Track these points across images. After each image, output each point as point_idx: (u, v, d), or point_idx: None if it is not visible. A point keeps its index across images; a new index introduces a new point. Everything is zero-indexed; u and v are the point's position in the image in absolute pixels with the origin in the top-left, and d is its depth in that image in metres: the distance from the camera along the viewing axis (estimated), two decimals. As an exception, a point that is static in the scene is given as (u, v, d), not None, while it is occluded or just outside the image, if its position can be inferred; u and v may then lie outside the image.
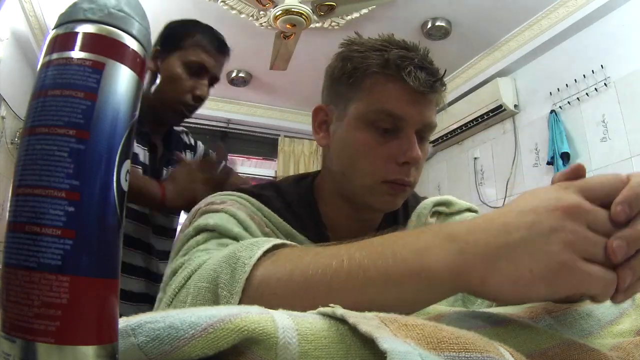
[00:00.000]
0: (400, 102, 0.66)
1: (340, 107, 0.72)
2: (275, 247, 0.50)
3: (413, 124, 0.67)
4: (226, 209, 0.65)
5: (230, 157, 4.37)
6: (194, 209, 0.69)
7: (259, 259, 0.47)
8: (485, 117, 3.27)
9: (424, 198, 0.85)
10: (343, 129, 0.71)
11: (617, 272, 0.34)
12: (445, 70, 0.73)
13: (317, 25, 2.80)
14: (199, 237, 0.61)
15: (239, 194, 0.70)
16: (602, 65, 2.50)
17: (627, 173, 0.38)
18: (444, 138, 3.68)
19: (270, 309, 0.32)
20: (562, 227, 0.34)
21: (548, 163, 2.74)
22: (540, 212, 0.35)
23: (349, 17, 2.80)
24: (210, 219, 0.62)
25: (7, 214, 0.27)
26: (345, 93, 0.71)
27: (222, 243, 0.59)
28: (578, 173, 0.39)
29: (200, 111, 4.61)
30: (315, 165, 4.30)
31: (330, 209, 0.75)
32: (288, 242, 0.53)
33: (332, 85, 0.76)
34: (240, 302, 0.45)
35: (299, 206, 0.74)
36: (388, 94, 0.66)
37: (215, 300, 0.48)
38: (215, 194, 0.72)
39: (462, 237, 0.38)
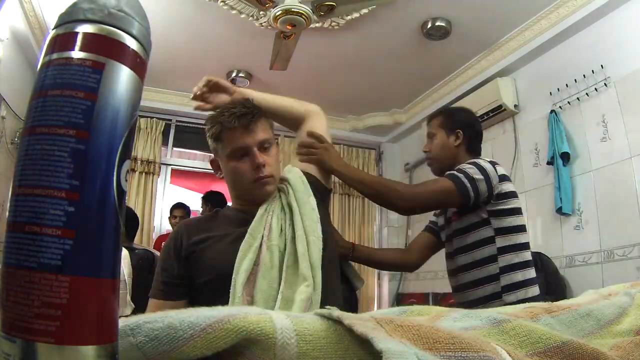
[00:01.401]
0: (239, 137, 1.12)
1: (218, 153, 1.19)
2: None
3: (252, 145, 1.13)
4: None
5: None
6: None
7: None
8: (485, 117, 3.27)
9: None
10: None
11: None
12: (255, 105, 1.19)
13: (317, 25, 2.80)
14: None
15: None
16: (602, 65, 2.50)
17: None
18: (444, 138, 3.68)
19: None
20: None
21: (548, 163, 2.74)
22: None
23: (349, 17, 2.80)
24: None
25: (7, 213, 0.27)
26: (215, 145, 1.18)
27: None
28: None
29: (201, 111, 4.60)
30: (315, 165, 4.31)
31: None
32: None
33: (211, 144, 1.20)
34: None
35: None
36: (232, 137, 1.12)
37: None
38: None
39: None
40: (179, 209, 3.52)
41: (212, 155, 1.23)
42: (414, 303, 2.51)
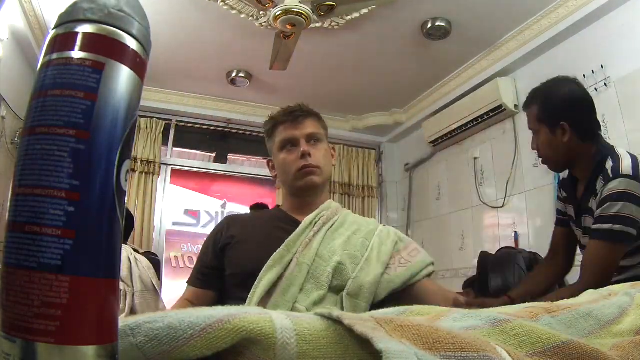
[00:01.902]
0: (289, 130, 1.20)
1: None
2: None
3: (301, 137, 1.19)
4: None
5: (230, 157, 4.38)
6: None
7: None
8: (485, 117, 3.27)
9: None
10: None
11: None
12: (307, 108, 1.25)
13: (317, 25, 2.80)
14: None
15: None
16: (602, 65, 2.50)
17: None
18: (444, 138, 3.68)
19: None
20: None
21: (548, 163, 2.74)
22: None
23: (349, 17, 2.80)
24: None
25: (7, 213, 0.27)
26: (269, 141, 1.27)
27: None
28: None
29: (200, 111, 4.57)
30: (315, 165, 4.30)
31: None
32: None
33: (267, 143, 1.28)
34: None
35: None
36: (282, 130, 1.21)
37: None
38: None
39: None
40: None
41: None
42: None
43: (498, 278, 2.18)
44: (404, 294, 1.08)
